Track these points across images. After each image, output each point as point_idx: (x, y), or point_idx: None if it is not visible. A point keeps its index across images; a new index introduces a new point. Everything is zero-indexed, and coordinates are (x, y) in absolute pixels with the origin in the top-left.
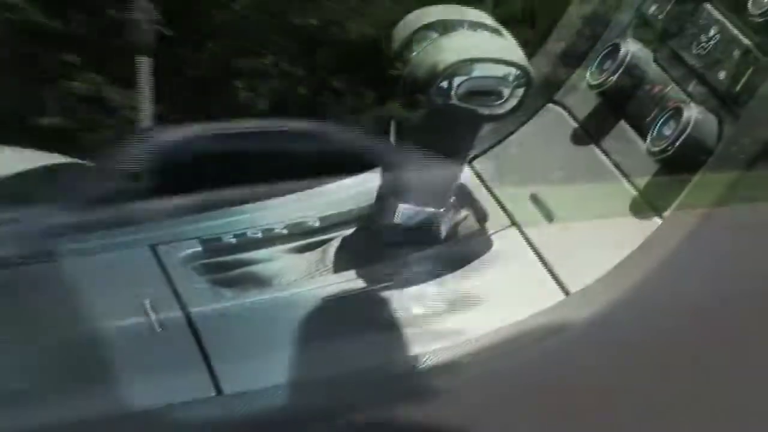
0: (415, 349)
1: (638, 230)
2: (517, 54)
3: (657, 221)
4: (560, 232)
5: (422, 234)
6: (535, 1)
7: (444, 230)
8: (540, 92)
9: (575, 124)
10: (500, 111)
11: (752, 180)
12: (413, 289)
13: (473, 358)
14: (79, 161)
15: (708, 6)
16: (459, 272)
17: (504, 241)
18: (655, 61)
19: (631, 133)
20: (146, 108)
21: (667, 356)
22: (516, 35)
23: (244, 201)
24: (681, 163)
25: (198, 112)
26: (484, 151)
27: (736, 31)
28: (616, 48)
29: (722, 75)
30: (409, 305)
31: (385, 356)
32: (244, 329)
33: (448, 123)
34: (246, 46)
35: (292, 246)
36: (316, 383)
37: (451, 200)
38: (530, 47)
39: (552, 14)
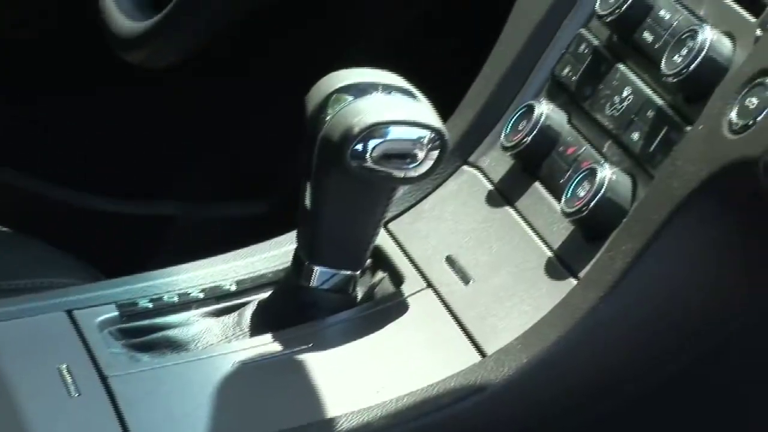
0: (333, 411)
1: (554, 291)
2: (432, 116)
3: (572, 282)
4: (476, 294)
5: (338, 296)
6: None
7: (360, 293)
8: (455, 154)
9: (490, 186)
10: (415, 173)
11: (665, 240)
12: (330, 352)
13: (390, 419)
14: None
15: (621, 67)
16: (375, 334)
17: (420, 303)
18: (570, 122)
19: (546, 194)
20: None
21: (584, 416)
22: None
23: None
24: (595, 223)
25: None
26: (400, 213)
27: (649, 91)
28: (530, 109)
29: (636, 135)
30: (327, 367)
31: (303, 419)
32: (161, 393)
33: (363, 186)
34: None
35: (209, 310)
36: None
37: (367, 263)
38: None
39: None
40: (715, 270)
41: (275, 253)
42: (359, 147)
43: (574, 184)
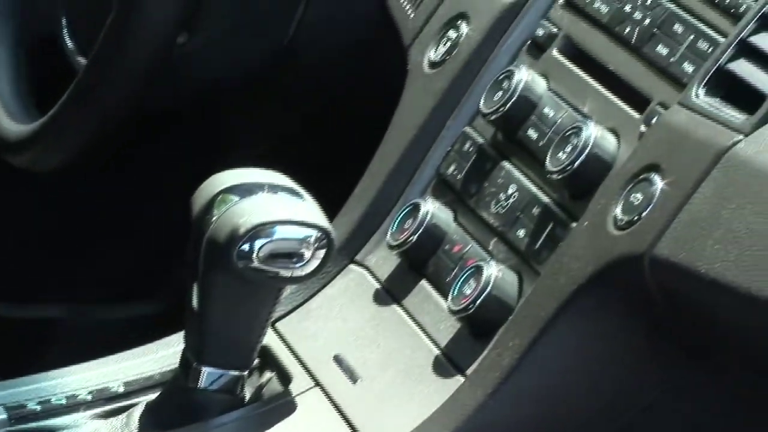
0: None
1: (442, 389)
2: (318, 215)
3: (460, 379)
4: (364, 392)
5: (226, 397)
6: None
7: (248, 393)
8: (341, 253)
9: (377, 284)
10: (302, 272)
11: (552, 335)
12: None
13: None
14: None
15: (506, 164)
16: None
17: (308, 402)
18: (456, 220)
19: (433, 292)
20: None
21: None
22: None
23: None
24: (482, 321)
25: None
26: (287, 313)
27: (534, 189)
28: (416, 207)
29: (522, 232)
30: None
31: None
32: None
33: (250, 286)
34: None
35: (97, 412)
36: None
37: (255, 362)
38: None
39: None
40: (602, 364)
41: (163, 354)
42: (245, 247)
43: (460, 282)
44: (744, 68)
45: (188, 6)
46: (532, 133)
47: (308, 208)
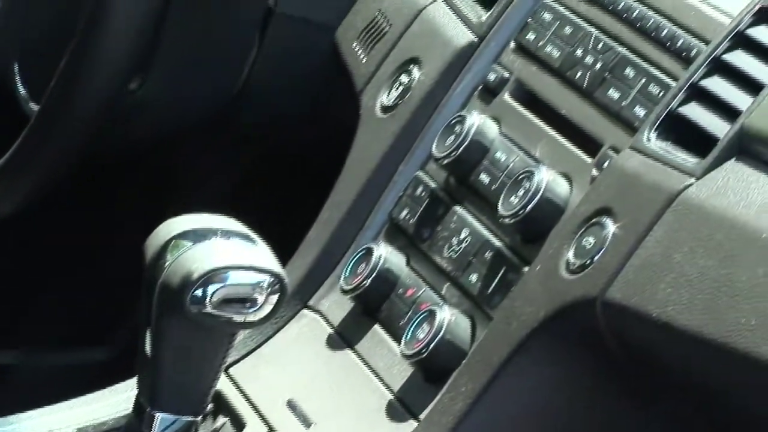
0: None
1: None
2: (271, 260)
3: (413, 424)
4: None
5: None
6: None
7: None
8: (294, 298)
9: (330, 329)
10: (255, 318)
11: (505, 380)
12: None
13: None
14: None
15: (458, 209)
16: None
17: None
18: (408, 264)
19: (386, 337)
20: None
21: None
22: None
23: None
24: (435, 365)
25: None
26: (241, 358)
27: (487, 233)
28: (368, 252)
29: (474, 277)
30: None
31: None
32: None
33: (203, 331)
34: None
35: None
36: None
37: (208, 408)
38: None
39: None
40: (555, 407)
41: (116, 400)
42: (199, 292)
43: (413, 327)
44: (695, 112)
45: (140, 52)
46: (485, 178)
47: (261, 253)
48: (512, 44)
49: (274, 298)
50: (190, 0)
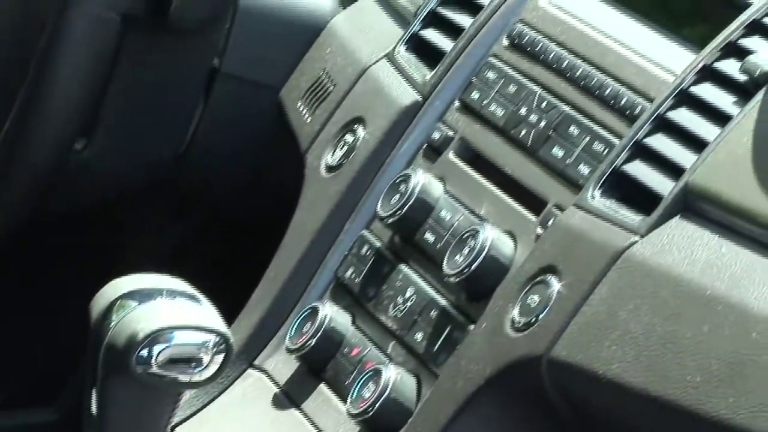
0: None
1: None
2: (216, 320)
3: None
4: None
5: None
6: None
7: None
8: (240, 357)
9: (276, 389)
10: (201, 378)
11: None
12: None
13: None
14: None
15: (404, 267)
16: None
17: None
18: (354, 323)
19: (332, 396)
20: None
21: None
22: None
23: None
24: (381, 424)
25: None
26: (186, 418)
27: (432, 292)
28: (314, 311)
29: (420, 335)
30: None
31: None
32: None
33: (149, 391)
34: None
35: None
36: None
37: None
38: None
39: None
40: None
41: None
42: (144, 353)
43: (359, 386)
44: (640, 169)
45: (85, 113)
46: (429, 236)
47: (206, 313)
48: (457, 103)
49: (220, 357)
50: (135, 61)
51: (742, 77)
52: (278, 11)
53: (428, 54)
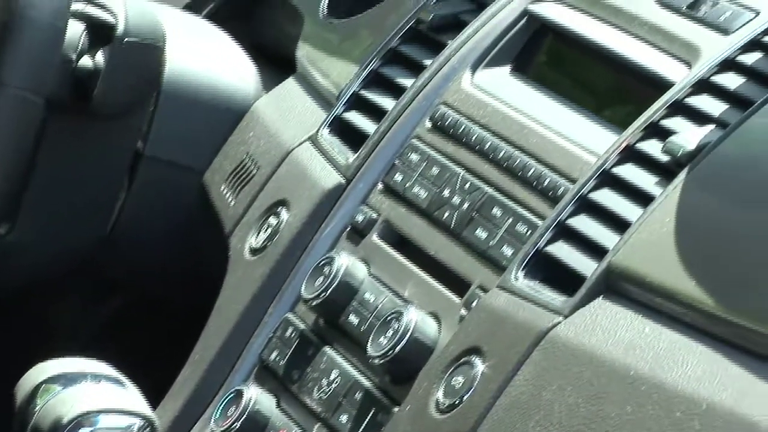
0: None
1: None
2: (141, 404)
3: None
4: None
5: None
6: None
7: None
8: None
9: None
10: None
11: None
12: None
13: None
14: None
15: (328, 350)
16: None
17: None
18: (278, 406)
19: None
20: None
21: None
22: None
23: None
24: None
25: None
26: None
27: (356, 374)
28: (239, 394)
29: (344, 418)
30: None
31: None
32: None
33: None
34: None
35: None
36: None
37: None
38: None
39: None
40: None
41: None
42: None
43: None
44: (563, 250)
45: (8, 197)
46: (354, 319)
47: (131, 397)
48: (380, 185)
49: None
50: (58, 145)
51: (664, 157)
52: (201, 94)
53: (351, 136)
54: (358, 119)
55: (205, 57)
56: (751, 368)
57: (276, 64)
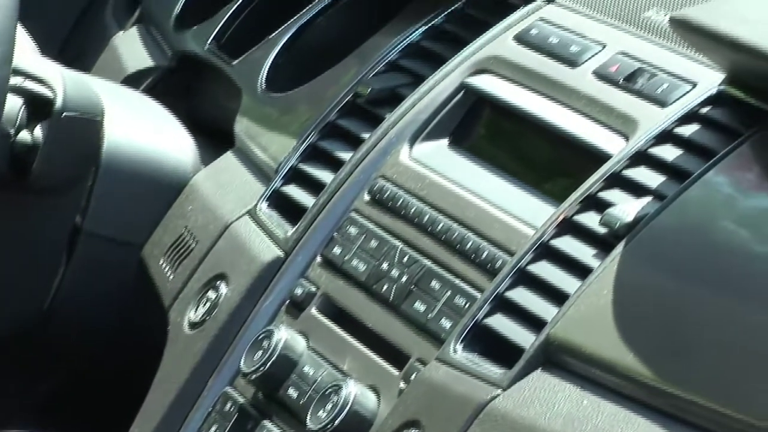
0: None
1: None
2: None
3: None
4: None
5: None
6: None
7: None
8: None
9: None
10: None
11: None
12: None
13: None
14: None
15: (267, 423)
16: None
17: None
18: None
19: None
20: None
21: None
22: None
23: None
24: None
25: None
26: None
27: None
28: None
29: None
30: None
31: None
32: None
33: None
34: None
35: None
36: None
37: None
38: None
39: None
40: None
41: None
42: None
43: None
44: (501, 323)
45: None
46: (293, 392)
47: None
48: (319, 259)
49: None
50: None
51: (602, 230)
52: (140, 169)
53: (290, 210)
54: (296, 193)
55: (144, 131)
56: None
57: (214, 138)
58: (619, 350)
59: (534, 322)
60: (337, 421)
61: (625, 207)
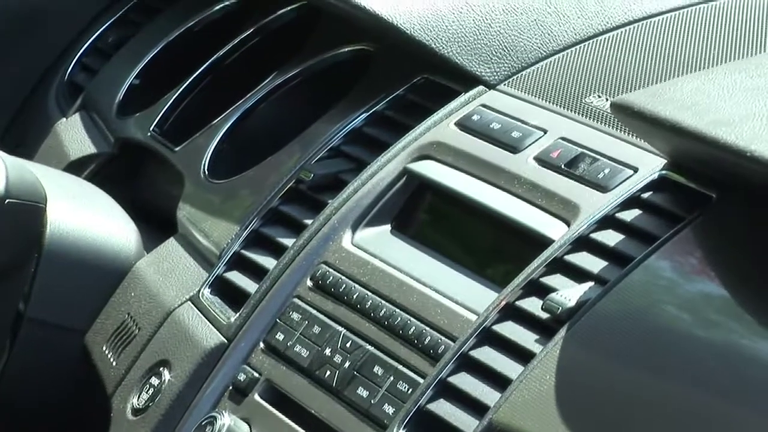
0: None
1: None
2: None
3: None
4: None
5: None
6: None
7: None
8: None
9: None
10: None
11: None
12: None
13: None
14: None
15: None
16: None
17: None
18: None
19: None
20: None
21: None
22: None
23: None
24: None
25: None
26: None
27: None
28: None
29: None
30: None
31: None
32: None
33: None
34: None
35: None
36: None
37: None
38: None
39: None
40: None
41: None
42: None
43: None
44: (444, 408)
45: None
46: None
47: None
48: (261, 345)
49: None
50: None
51: (544, 315)
52: (83, 255)
53: (232, 296)
54: (239, 279)
55: (87, 218)
56: None
57: (157, 224)
58: None
59: (477, 408)
60: None
61: (567, 292)
